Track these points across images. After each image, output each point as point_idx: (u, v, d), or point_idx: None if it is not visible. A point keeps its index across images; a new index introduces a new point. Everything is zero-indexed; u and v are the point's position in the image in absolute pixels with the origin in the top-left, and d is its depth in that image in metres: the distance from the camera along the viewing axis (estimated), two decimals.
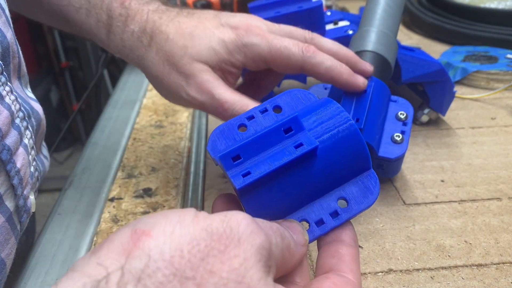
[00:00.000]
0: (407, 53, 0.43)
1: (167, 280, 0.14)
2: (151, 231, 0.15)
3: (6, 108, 0.25)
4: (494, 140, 0.44)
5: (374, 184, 0.22)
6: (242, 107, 0.30)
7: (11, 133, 0.26)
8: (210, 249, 0.15)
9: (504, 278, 0.29)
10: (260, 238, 0.16)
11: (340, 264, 0.20)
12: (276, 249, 0.17)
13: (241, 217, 0.16)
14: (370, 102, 0.34)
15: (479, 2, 0.69)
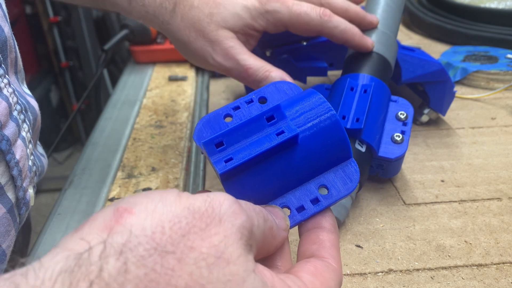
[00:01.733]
0: (407, 53, 0.43)
1: (148, 254, 0.14)
2: (133, 209, 0.15)
3: (4, 99, 0.25)
4: (494, 140, 0.44)
5: (354, 172, 0.23)
6: (265, 73, 0.33)
7: (10, 124, 0.26)
8: (191, 227, 0.15)
9: (504, 278, 0.29)
10: (241, 218, 0.17)
11: (320, 250, 0.21)
12: (258, 230, 0.18)
13: (224, 198, 0.17)
14: (370, 102, 0.34)
15: (479, 2, 0.69)
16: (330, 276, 0.20)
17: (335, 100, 0.36)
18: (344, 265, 0.30)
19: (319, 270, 0.19)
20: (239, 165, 0.20)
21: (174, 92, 0.57)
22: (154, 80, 0.62)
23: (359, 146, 0.34)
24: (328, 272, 0.20)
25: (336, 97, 0.36)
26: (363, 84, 0.36)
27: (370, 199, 0.37)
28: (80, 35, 1.56)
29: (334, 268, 0.20)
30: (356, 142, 0.34)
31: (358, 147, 0.34)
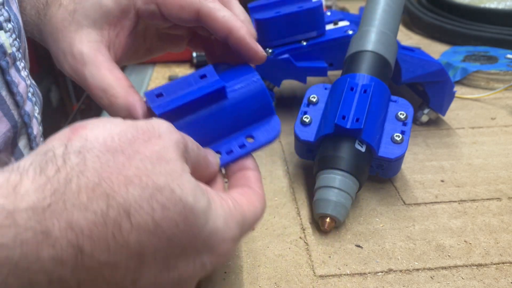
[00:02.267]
0: (407, 53, 0.43)
1: (102, 153, 0.17)
2: (86, 125, 0.18)
3: (23, 80, 0.28)
4: (494, 140, 0.44)
5: (276, 124, 0.28)
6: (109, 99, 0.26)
7: (28, 102, 0.28)
8: (136, 138, 0.18)
9: (504, 278, 0.29)
10: (177, 136, 0.20)
11: (247, 183, 0.25)
12: (193, 153, 0.21)
13: (163, 121, 0.20)
14: (370, 102, 0.34)
15: (479, 2, 0.69)
16: (256, 197, 0.23)
17: (335, 100, 0.36)
18: (344, 265, 0.30)
19: (246, 192, 0.23)
20: (174, 109, 0.24)
21: None
22: (154, 80, 0.62)
23: (359, 146, 0.34)
24: (254, 195, 0.23)
25: (336, 97, 0.36)
26: (363, 84, 0.36)
27: (370, 199, 0.37)
28: None
29: (259, 194, 0.24)
30: (356, 142, 0.34)
31: (358, 147, 0.34)
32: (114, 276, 0.17)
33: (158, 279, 0.18)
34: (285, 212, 0.36)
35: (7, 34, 0.26)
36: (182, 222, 0.17)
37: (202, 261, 0.19)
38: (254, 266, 0.31)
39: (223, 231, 0.19)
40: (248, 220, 0.22)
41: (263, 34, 0.46)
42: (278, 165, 0.42)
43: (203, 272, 0.20)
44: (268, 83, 0.48)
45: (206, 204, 0.19)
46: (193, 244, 0.18)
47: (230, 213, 0.20)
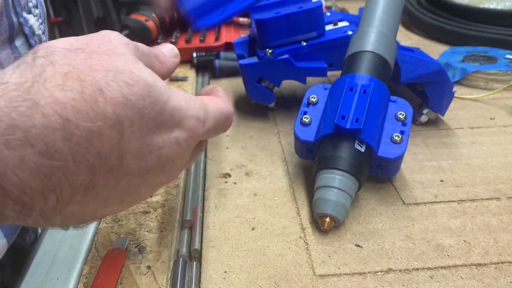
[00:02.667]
0: (406, 54, 0.43)
1: (65, 52, 0.20)
2: (49, 43, 0.21)
3: None
4: (493, 140, 0.44)
5: None
6: None
7: None
8: (90, 42, 0.21)
9: (503, 278, 0.29)
10: (125, 40, 0.22)
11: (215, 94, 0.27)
12: (144, 55, 0.23)
13: (110, 31, 0.23)
14: (370, 102, 0.35)
15: (478, 3, 0.69)
16: (218, 98, 0.26)
17: (335, 100, 0.36)
18: (344, 265, 0.31)
19: (211, 97, 0.26)
20: None
21: None
22: None
23: (358, 146, 0.34)
24: (220, 99, 0.26)
25: (335, 98, 0.36)
26: (362, 84, 0.36)
27: (369, 199, 0.37)
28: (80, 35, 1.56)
29: (226, 100, 0.26)
30: (356, 142, 0.34)
31: (357, 147, 0.34)
32: (102, 146, 0.19)
33: (140, 154, 0.21)
34: (285, 211, 0.36)
35: (35, 18, 0.32)
36: (147, 96, 0.20)
37: (176, 136, 0.22)
38: (254, 266, 0.31)
39: (186, 109, 0.22)
40: (211, 108, 0.24)
41: (263, 35, 0.46)
42: (278, 165, 0.42)
43: (180, 149, 0.22)
44: (268, 83, 0.48)
45: (165, 85, 0.21)
46: (162, 117, 0.21)
47: (191, 98, 0.23)
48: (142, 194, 0.23)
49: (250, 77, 0.47)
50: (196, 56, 0.64)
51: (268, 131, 0.48)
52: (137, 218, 0.35)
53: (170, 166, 0.22)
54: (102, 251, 0.32)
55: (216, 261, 0.31)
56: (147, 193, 0.23)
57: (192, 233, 0.34)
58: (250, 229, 0.34)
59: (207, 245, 0.33)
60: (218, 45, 0.66)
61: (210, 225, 0.35)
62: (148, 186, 0.23)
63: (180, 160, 0.23)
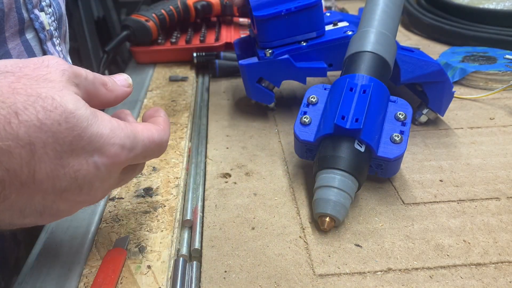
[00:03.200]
0: (406, 54, 0.43)
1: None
2: None
3: (57, 52, 0.36)
4: (492, 140, 0.44)
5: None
6: None
7: None
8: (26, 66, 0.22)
9: (503, 278, 0.29)
10: (64, 66, 0.23)
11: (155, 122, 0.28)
12: (87, 81, 0.24)
13: (53, 57, 0.24)
14: (370, 102, 0.35)
15: (477, 3, 0.69)
16: (153, 127, 0.27)
17: (335, 100, 0.36)
18: (344, 264, 0.31)
19: (147, 124, 0.27)
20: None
21: (174, 92, 0.58)
22: (155, 80, 0.62)
23: (358, 146, 0.34)
24: (152, 125, 0.27)
25: (335, 98, 0.36)
26: (362, 84, 0.36)
27: (369, 198, 0.37)
28: (81, 36, 1.56)
29: (162, 128, 0.27)
30: (355, 142, 0.34)
31: (357, 147, 0.34)
32: (11, 163, 0.21)
33: (54, 174, 0.22)
34: (285, 211, 0.36)
35: (47, 16, 0.35)
36: (64, 122, 0.21)
37: (94, 161, 0.23)
38: (254, 265, 0.31)
39: (109, 136, 0.23)
40: (141, 137, 0.25)
41: (263, 34, 0.46)
42: (278, 165, 0.42)
43: (99, 173, 0.23)
44: (268, 83, 0.48)
45: (89, 113, 0.23)
46: (80, 142, 0.22)
47: (119, 126, 0.24)
48: (63, 209, 0.24)
49: (250, 77, 0.48)
50: (196, 56, 0.64)
51: (268, 131, 0.48)
52: (137, 218, 0.35)
53: (89, 188, 0.24)
54: (103, 250, 0.32)
55: (216, 261, 0.31)
56: (69, 209, 0.25)
57: (192, 233, 0.34)
58: (250, 229, 0.34)
59: (207, 245, 0.33)
60: (218, 45, 0.66)
61: (210, 224, 0.35)
62: (68, 203, 0.24)
63: (100, 183, 0.24)
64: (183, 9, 0.70)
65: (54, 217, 0.24)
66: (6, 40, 0.32)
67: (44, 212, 0.23)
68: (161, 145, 0.27)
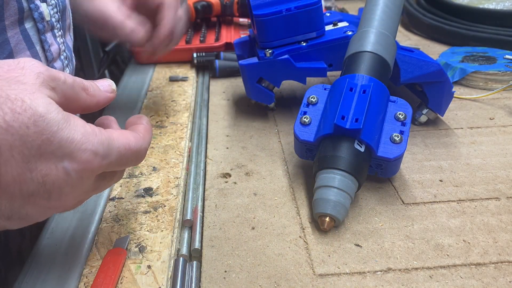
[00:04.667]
0: (406, 54, 0.43)
1: None
2: None
3: (57, 43, 0.37)
4: (492, 140, 0.44)
5: None
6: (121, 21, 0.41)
7: (58, 61, 0.37)
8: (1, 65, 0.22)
9: (503, 277, 0.29)
10: (40, 68, 0.23)
11: (134, 130, 0.27)
12: (65, 85, 0.24)
13: (30, 59, 0.23)
14: (369, 102, 0.35)
15: (477, 3, 0.69)
16: (131, 134, 0.26)
17: (334, 100, 0.36)
18: (343, 264, 0.31)
19: (124, 131, 0.26)
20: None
21: (175, 92, 0.58)
22: (155, 80, 0.62)
23: (358, 146, 0.34)
24: (130, 133, 0.26)
25: (335, 98, 0.36)
26: (362, 84, 0.36)
27: (369, 198, 0.37)
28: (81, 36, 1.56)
29: (142, 136, 0.27)
30: (355, 142, 0.34)
31: (357, 147, 0.34)
32: None
33: (21, 178, 0.21)
34: (285, 211, 0.36)
35: (49, 7, 0.35)
36: (32, 125, 0.21)
37: (64, 167, 0.22)
38: (254, 265, 0.31)
39: (81, 142, 0.22)
40: (116, 144, 0.24)
41: (263, 34, 0.46)
42: (278, 165, 0.42)
43: (69, 179, 0.23)
44: (268, 83, 0.48)
45: (61, 117, 0.22)
46: (48, 147, 0.21)
47: (93, 132, 0.23)
48: (32, 214, 0.23)
49: (250, 77, 0.48)
50: (196, 56, 0.64)
51: (268, 131, 0.48)
52: (137, 218, 0.35)
53: (59, 194, 0.23)
54: (103, 250, 0.32)
55: (216, 261, 0.31)
56: (39, 215, 0.24)
57: (192, 233, 0.34)
58: (250, 229, 0.34)
59: (207, 245, 0.33)
60: (218, 45, 0.66)
61: (210, 224, 0.35)
62: (37, 208, 0.23)
63: (71, 189, 0.23)
64: None
65: (24, 221, 0.24)
66: (6, 28, 0.32)
67: (12, 216, 0.23)
68: (138, 153, 0.26)
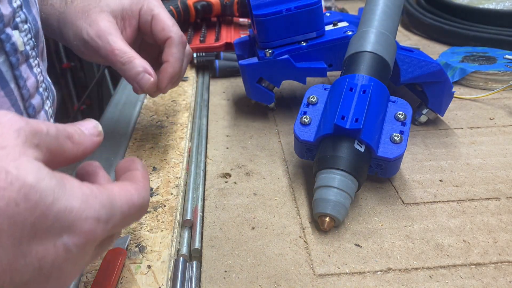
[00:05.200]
0: (406, 54, 0.43)
1: None
2: None
3: (33, 75, 0.31)
4: (492, 140, 0.44)
5: None
6: (129, 58, 0.36)
7: (36, 96, 0.31)
8: None
9: (503, 277, 0.29)
10: (19, 124, 0.19)
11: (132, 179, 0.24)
12: (49, 137, 0.20)
13: (6, 112, 0.19)
14: (369, 102, 0.35)
15: (477, 3, 0.69)
16: (132, 186, 0.23)
17: (334, 100, 0.36)
18: (343, 264, 0.31)
19: (121, 183, 0.23)
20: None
21: (175, 92, 0.58)
22: None
23: (358, 146, 0.34)
24: (130, 185, 0.23)
25: (335, 98, 0.36)
26: (362, 84, 0.36)
27: (369, 198, 0.37)
28: None
29: (138, 184, 0.23)
30: (355, 142, 0.34)
31: (357, 147, 0.34)
32: None
33: (13, 266, 0.18)
34: (285, 211, 0.36)
35: (22, 34, 0.29)
36: (23, 200, 0.17)
37: (64, 243, 0.19)
38: (254, 265, 0.31)
39: (81, 210, 0.19)
40: (118, 203, 0.21)
41: (263, 34, 0.46)
42: (278, 165, 0.42)
43: (70, 255, 0.19)
44: (268, 83, 0.48)
45: (55, 183, 0.18)
46: (44, 223, 0.18)
47: (92, 194, 0.20)
48: None
49: (250, 77, 0.48)
50: (196, 56, 0.64)
51: (268, 131, 0.48)
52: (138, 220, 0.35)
53: (58, 274, 0.19)
54: None
55: (216, 261, 0.31)
56: None
57: (193, 233, 0.34)
58: (250, 229, 0.34)
59: (207, 245, 0.33)
60: (218, 45, 0.66)
61: (210, 224, 0.35)
62: None
63: (72, 266, 0.20)
64: (183, 9, 0.70)
65: None
66: None
67: None
68: (142, 207, 0.23)
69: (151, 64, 0.39)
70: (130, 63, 0.36)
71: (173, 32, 0.38)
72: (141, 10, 0.39)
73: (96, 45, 0.36)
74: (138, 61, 0.36)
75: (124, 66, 0.36)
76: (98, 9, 0.37)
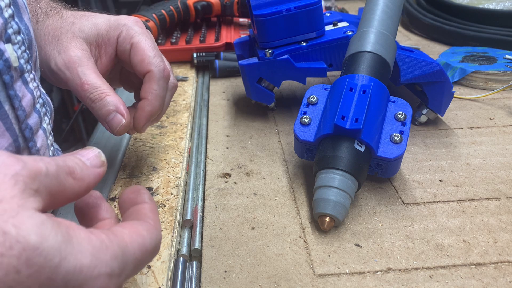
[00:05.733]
0: (406, 54, 0.43)
1: None
2: None
3: (29, 92, 0.28)
4: (492, 140, 0.44)
5: None
6: (100, 94, 0.32)
7: (33, 115, 0.28)
8: None
9: (503, 277, 0.29)
10: (15, 168, 0.17)
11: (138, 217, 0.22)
12: (48, 178, 0.18)
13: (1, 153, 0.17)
14: (369, 102, 0.35)
15: (477, 3, 0.69)
16: (143, 227, 0.21)
17: (334, 100, 0.36)
18: (343, 264, 0.31)
19: (131, 224, 0.21)
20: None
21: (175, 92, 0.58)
22: None
23: (358, 146, 0.34)
24: (141, 225, 0.21)
25: (335, 98, 0.36)
26: (362, 84, 0.36)
27: (369, 198, 0.37)
28: None
29: (150, 223, 0.21)
30: (355, 142, 0.34)
31: (357, 147, 0.34)
32: None
33: None
34: (285, 211, 0.36)
35: (16, 47, 0.26)
36: (25, 267, 0.15)
37: None
38: (254, 265, 0.31)
39: (92, 267, 0.17)
40: (131, 251, 0.19)
41: (263, 34, 0.46)
42: (278, 165, 0.42)
43: None
44: (268, 83, 0.48)
45: (60, 239, 0.16)
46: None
47: (102, 246, 0.18)
48: None
49: (250, 77, 0.48)
50: (196, 56, 0.64)
51: (268, 131, 0.48)
52: None
53: None
54: None
55: (216, 261, 0.31)
56: None
57: (192, 233, 0.34)
58: (250, 229, 0.34)
59: (207, 245, 0.33)
60: (218, 45, 0.66)
61: (210, 224, 0.35)
62: None
63: None
64: (183, 9, 0.70)
65: None
66: None
67: None
68: (155, 249, 0.21)
69: (135, 94, 0.35)
70: (101, 101, 0.32)
71: (153, 65, 0.33)
72: (119, 37, 0.34)
73: (64, 77, 0.32)
74: (110, 98, 0.32)
75: (94, 103, 0.32)
76: (70, 34, 0.33)
